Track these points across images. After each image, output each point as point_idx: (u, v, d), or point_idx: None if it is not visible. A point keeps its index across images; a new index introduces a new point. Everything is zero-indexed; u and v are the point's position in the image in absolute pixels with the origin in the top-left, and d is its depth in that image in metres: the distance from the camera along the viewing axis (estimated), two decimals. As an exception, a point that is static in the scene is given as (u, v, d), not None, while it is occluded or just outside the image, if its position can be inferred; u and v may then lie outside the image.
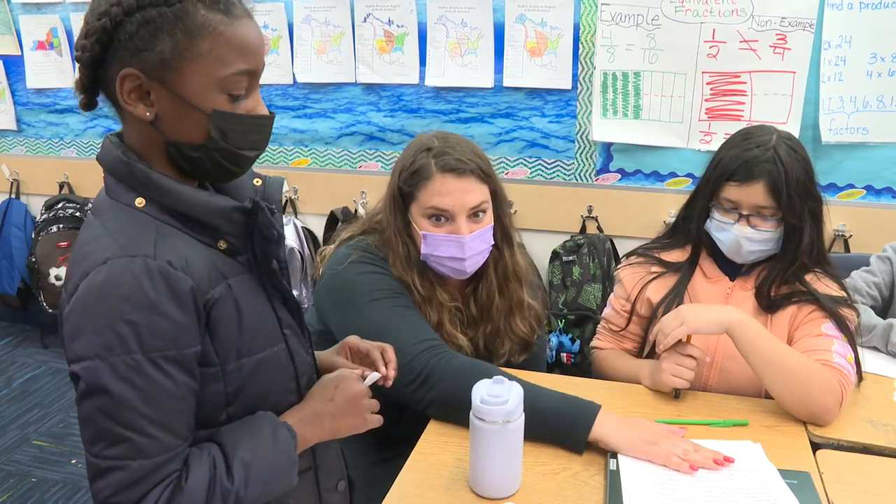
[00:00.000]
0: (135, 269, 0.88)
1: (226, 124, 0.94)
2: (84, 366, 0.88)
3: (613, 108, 2.62)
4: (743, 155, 1.46)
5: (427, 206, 1.47)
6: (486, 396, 1.14)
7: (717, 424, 1.39)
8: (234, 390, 0.99)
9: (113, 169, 0.96)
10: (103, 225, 0.94)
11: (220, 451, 0.96)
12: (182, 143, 0.94)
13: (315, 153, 3.07)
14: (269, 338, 1.03)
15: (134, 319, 0.87)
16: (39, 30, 3.25)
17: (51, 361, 3.39)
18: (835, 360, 1.41)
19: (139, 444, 0.89)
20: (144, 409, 0.89)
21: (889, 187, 2.49)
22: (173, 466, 0.92)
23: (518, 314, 1.63)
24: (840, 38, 2.39)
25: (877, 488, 1.22)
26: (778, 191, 1.43)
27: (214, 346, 0.96)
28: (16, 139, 3.48)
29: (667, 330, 1.42)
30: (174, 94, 0.91)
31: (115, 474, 0.89)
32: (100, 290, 0.87)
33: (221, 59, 0.91)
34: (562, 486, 1.22)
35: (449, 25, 2.73)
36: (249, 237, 1.00)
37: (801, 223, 1.46)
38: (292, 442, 1.01)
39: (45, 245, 3.31)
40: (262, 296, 1.02)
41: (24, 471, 2.59)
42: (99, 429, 0.89)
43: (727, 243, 1.51)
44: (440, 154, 1.47)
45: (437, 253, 1.49)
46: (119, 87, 0.90)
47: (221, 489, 0.94)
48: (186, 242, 0.95)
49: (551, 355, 2.68)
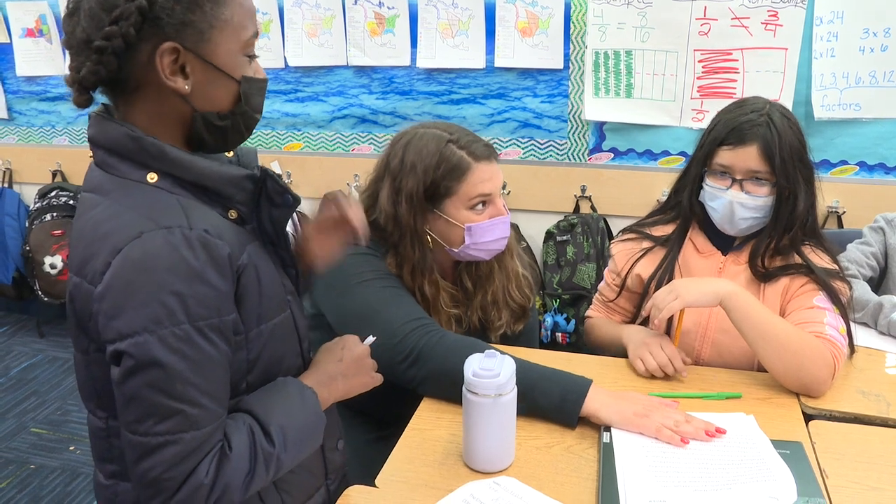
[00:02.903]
0: (174, 239, 0.88)
1: (249, 89, 0.99)
2: (132, 342, 0.86)
3: (605, 87, 2.61)
4: (736, 119, 1.47)
5: (472, 195, 1.47)
6: (477, 370, 1.14)
7: (710, 397, 1.40)
8: (255, 357, 1.01)
9: (117, 146, 0.95)
10: (118, 202, 0.93)
11: (253, 419, 0.98)
12: (210, 112, 0.97)
13: (308, 137, 3.06)
14: (279, 304, 1.04)
15: (179, 290, 0.87)
16: (28, 17, 3.22)
17: (47, 350, 3.39)
18: (827, 331, 1.42)
19: (192, 415, 0.89)
20: (195, 378, 0.89)
21: (882, 163, 2.50)
22: (219, 436, 0.93)
23: (513, 282, 1.65)
24: (832, 13, 2.38)
25: (867, 456, 1.23)
26: (771, 154, 1.43)
27: (241, 315, 0.97)
28: (7, 128, 3.46)
29: (661, 304, 1.43)
30: (208, 65, 0.94)
31: (167, 449, 0.88)
32: (141, 264, 0.87)
33: (242, 24, 0.96)
34: (556, 460, 1.23)
35: (440, 6, 2.72)
36: (256, 205, 1.01)
37: (795, 188, 1.46)
38: (318, 401, 1.05)
39: (40, 234, 3.30)
40: (270, 262, 1.04)
41: (22, 458, 2.60)
42: (148, 405, 0.88)
43: (720, 210, 1.51)
44: (466, 144, 1.47)
45: (484, 239, 1.50)
46: (160, 62, 0.91)
47: (264, 454, 0.96)
48: (212, 214, 0.96)
49: (546, 335, 2.69)
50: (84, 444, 2.67)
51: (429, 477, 1.20)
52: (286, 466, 1.01)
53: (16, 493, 2.42)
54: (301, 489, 1.13)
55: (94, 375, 0.99)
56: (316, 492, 1.17)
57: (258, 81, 1.01)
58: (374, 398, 1.31)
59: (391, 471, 1.22)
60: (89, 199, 0.96)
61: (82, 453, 2.62)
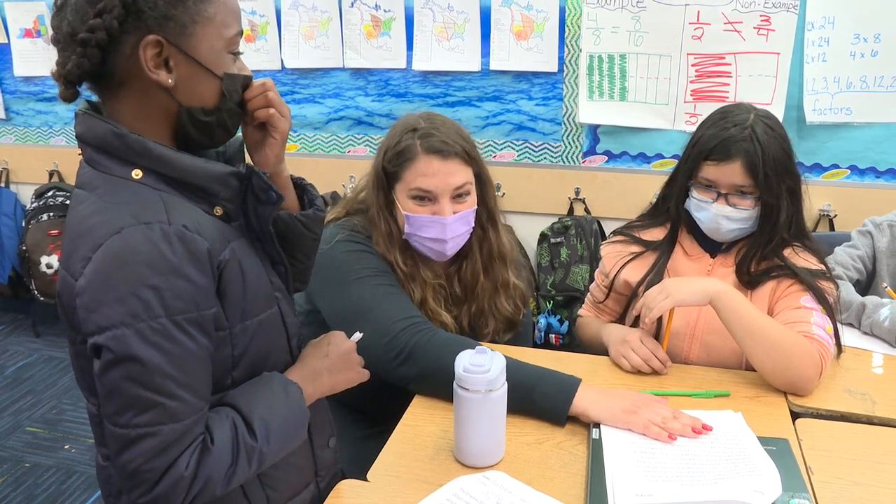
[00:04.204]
0: (152, 235, 0.89)
1: (233, 86, 1.00)
2: (110, 335, 0.88)
3: (600, 90, 2.63)
4: (720, 134, 1.48)
5: (411, 186, 1.49)
6: (468, 365, 1.16)
7: (699, 395, 1.42)
8: (240, 353, 1.02)
9: (103, 143, 0.96)
10: (102, 198, 0.95)
11: (236, 413, 0.99)
12: (195, 108, 0.98)
13: (304, 138, 3.08)
14: (266, 300, 1.06)
15: (156, 284, 0.88)
16: (26, 17, 3.23)
17: (43, 349, 3.40)
18: (814, 331, 1.44)
19: (170, 407, 0.90)
20: (173, 371, 0.90)
21: (872, 167, 2.52)
22: (199, 429, 0.94)
23: (503, 293, 1.65)
24: (823, 19, 2.41)
25: (852, 452, 1.25)
26: (755, 170, 1.45)
27: (225, 310, 0.98)
28: (4, 128, 3.47)
29: (651, 304, 1.44)
30: (191, 60, 0.95)
31: (146, 441, 0.90)
32: (119, 259, 0.88)
33: (225, 23, 0.97)
34: (545, 456, 1.25)
35: (435, 10, 2.74)
36: (243, 202, 1.02)
37: (778, 201, 1.48)
38: (302, 397, 1.06)
39: (36, 233, 3.31)
40: (257, 259, 1.05)
41: (17, 456, 2.61)
42: (127, 397, 0.89)
43: (706, 222, 1.53)
44: (425, 135, 1.48)
45: (419, 234, 1.51)
46: (143, 55, 0.92)
47: (246, 447, 0.97)
48: (193, 210, 0.97)
49: (540, 336, 2.71)
50: (79, 442, 2.68)
51: (420, 471, 1.21)
52: (269, 460, 1.02)
53: (10, 490, 2.43)
54: (287, 485, 1.14)
55: (82, 366, 1.01)
56: (304, 489, 1.18)
57: (241, 78, 1.02)
58: (368, 395, 1.33)
59: (383, 465, 1.23)
60: (78, 195, 0.99)
61: (77, 452, 2.63)
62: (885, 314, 1.65)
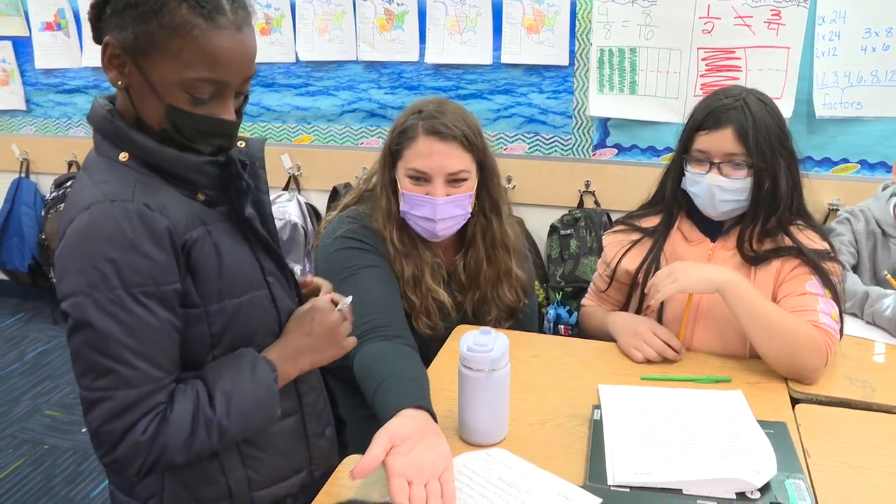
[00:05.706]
0: (114, 211, 0.95)
1: (179, 120, 0.99)
2: (71, 302, 0.94)
3: (610, 83, 2.65)
4: (712, 104, 1.51)
5: (409, 166, 1.53)
6: (472, 345, 1.19)
7: (700, 380, 1.44)
8: (218, 331, 1.06)
9: (100, 127, 1.03)
10: (90, 177, 1.01)
11: (202, 385, 1.02)
12: (144, 121, 1.01)
13: (317, 130, 3.12)
14: (250, 282, 1.09)
15: (114, 258, 0.93)
16: (47, 11, 3.30)
17: (61, 336, 3.46)
18: (821, 319, 1.44)
19: (124, 374, 0.95)
20: (127, 340, 0.94)
21: (883, 161, 2.52)
22: (159, 398, 0.98)
23: (505, 282, 1.67)
24: (834, 13, 2.41)
25: (850, 437, 1.27)
26: (745, 136, 1.46)
27: (196, 288, 1.02)
28: (25, 119, 3.54)
29: (660, 286, 1.47)
30: (142, 76, 0.98)
31: (103, 404, 0.95)
32: (83, 233, 0.94)
33: (188, 63, 0.96)
34: (547, 435, 1.28)
35: (448, 3, 2.77)
36: (226, 188, 1.06)
37: (774, 170, 1.49)
38: (272, 374, 1.07)
39: (55, 222, 3.37)
40: (243, 243, 1.09)
41: (37, 438, 2.67)
42: (87, 362, 0.95)
43: (700, 195, 1.54)
44: (428, 117, 1.52)
45: (412, 212, 1.55)
46: (102, 50, 0.99)
47: (205, 418, 1.00)
48: (167, 192, 1.01)
49: (549, 327, 2.73)
50: (96, 426, 2.74)
51: (425, 449, 1.24)
52: (232, 434, 1.03)
53: (31, 470, 2.49)
54: (273, 469, 1.15)
55: None
56: (293, 475, 1.18)
57: (201, 118, 0.99)
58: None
59: (389, 443, 1.26)
60: (78, 176, 1.06)
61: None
62: (888, 304, 1.66)
